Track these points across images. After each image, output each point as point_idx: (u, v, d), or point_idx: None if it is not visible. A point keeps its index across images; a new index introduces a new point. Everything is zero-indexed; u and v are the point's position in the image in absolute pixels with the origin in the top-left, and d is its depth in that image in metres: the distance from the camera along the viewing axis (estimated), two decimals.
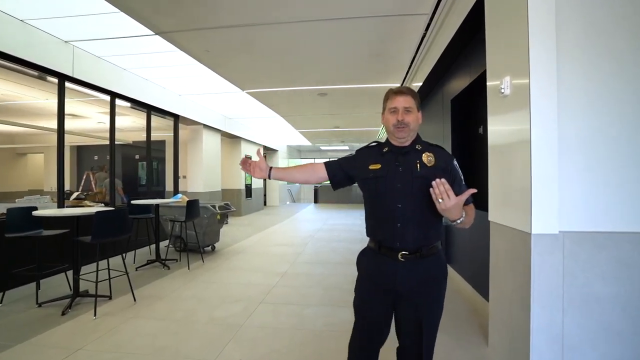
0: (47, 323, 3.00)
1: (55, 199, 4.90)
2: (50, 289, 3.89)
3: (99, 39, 4.53)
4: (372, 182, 1.51)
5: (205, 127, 8.66)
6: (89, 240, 3.19)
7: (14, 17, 3.91)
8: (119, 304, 3.43)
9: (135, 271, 4.60)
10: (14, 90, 5.72)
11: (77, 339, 2.70)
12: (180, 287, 3.99)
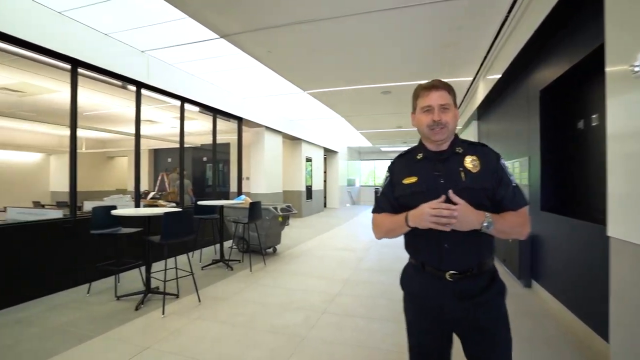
0: (122, 317, 3.14)
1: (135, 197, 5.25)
2: (128, 283, 4.13)
3: (170, 47, 4.74)
4: (409, 199, 1.25)
5: (267, 129, 8.80)
6: (158, 241, 3.28)
7: (98, 31, 4.24)
8: (185, 304, 3.49)
9: (201, 270, 4.73)
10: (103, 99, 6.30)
11: (146, 337, 2.75)
12: (242, 289, 3.98)
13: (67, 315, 3.20)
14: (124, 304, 3.48)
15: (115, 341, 2.69)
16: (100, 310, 3.33)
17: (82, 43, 4.03)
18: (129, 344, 2.64)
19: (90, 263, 4.08)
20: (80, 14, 3.84)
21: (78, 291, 3.86)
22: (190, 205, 6.20)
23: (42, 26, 3.62)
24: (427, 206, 1.15)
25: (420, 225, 1.18)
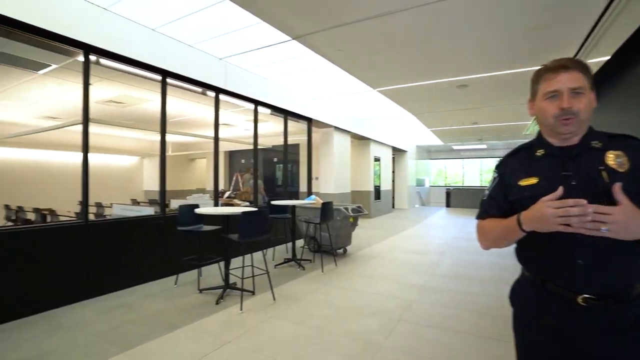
0: (204, 310, 3.32)
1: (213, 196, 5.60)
2: (209, 277, 4.39)
3: (245, 52, 4.94)
4: (528, 203, 1.00)
5: (336, 129, 8.79)
6: (236, 239, 3.41)
7: (184, 43, 4.58)
8: (261, 301, 3.57)
9: (274, 268, 4.84)
10: (186, 106, 6.86)
11: (226, 331, 2.86)
12: (315, 290, 3.96)
13: (159, 303, 3.49)
14: (205, 297, 3.69)
15: (200, 332, 2.84)
16: (186, 301, 3.58)
17: (170, 55, 4.39)
18: (211, 337, 2.76)
19: (177, 257, 4.43)
20: (169, 29, 4.19)
21: (167, 282, 4.21)
22: (263, 205, 6.44)
23: (139, 43, 4.02)
24: (547, 205, 0.91)
25: (541, 228, 0.95)
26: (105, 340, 2.71)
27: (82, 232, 3.62)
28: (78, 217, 4.46)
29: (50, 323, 3.03)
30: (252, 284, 3.86)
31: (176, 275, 4.29)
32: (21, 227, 3.81)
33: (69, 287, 3.49)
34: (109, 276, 3.82)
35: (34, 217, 6.32)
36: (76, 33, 3.44)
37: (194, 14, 3.83)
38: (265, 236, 3.57)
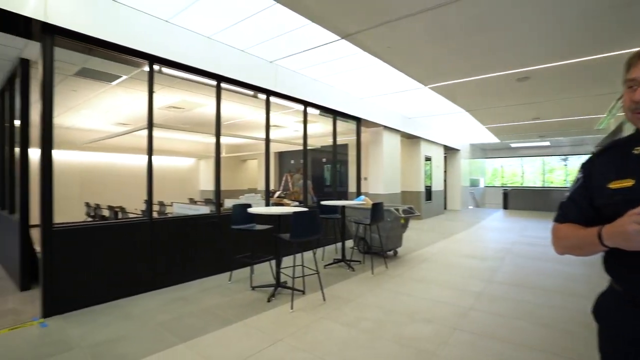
0: (257, 307, 3.42)
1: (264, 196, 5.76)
2: (261, 275, 4.52)
3: (294, 54, 5.01)
4: (620, 209, 0.85)
5: (385, 128, 8.61)
6: (287, 238, 3.46)
7: (236, 48, 4.76)
8: (311, 301, 3.59)
9: (324, 269, 4.85)
10: (238, 109, 7.15)
11: (278, 329, 2.91)
12: (365, 292, 3.90)
13: (214, 298, 3.66)
14: (257, 294, 3.79)
15: (252, 329, 2.92)
16: (239, 297, 3.71)
17: (224, 61, 4.59)
18: (263, 334, 2.83)
19: (231, 254, 4.62)
20: (223, 36, 4.37)
21: (221, 278, 4.40)
22: (312, 205, 6.50)
23: (196, 51, 4.25)
24: (633, 220, 0.78)
25: (625, 246, 0.83)
26: (168, 330, 2.89)
27: (147, 228, 3.92)
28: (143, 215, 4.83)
29: (121, 311, 3.31)
30: (302, 283, 3.90)
31: (230, 272, 4.47)
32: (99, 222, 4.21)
33: (137, 279, 3.79)
34: (169, 270, 4.09)
35: (108, 213, 6.98)
36: (143, 45, 3.73)
37: (245, 20, 3.96)
38: (316, 236, 3.59)
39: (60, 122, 7.82)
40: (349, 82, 6.41)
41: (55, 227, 3.24)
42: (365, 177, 8.89)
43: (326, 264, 5.08)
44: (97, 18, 3.39)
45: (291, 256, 5.24)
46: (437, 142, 12.06)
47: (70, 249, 3.32)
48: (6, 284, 4.23)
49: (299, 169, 9.68)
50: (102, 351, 2.54)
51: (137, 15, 3.69)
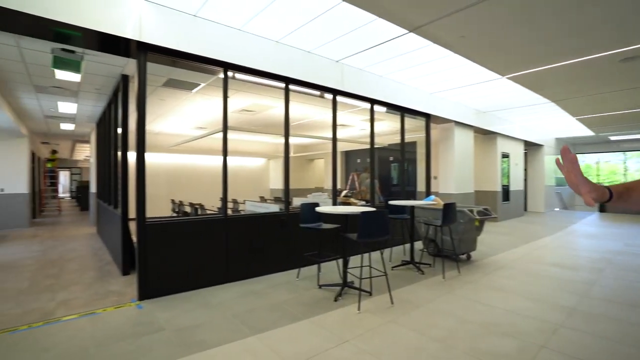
0: (324, 305, 3.45)
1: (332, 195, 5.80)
2: (327, 273, 4.56)
3: (360, 52, 4.95)
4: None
5: (457, 124, 8.10)
6: (355, 238, 3.43)
7: (303, 50, 4.86)
8: (378, 303, 3.52)
9: (392, 270, 4.73)
10: (305, 110, 7.31)
11: (344, 330, 2.90)
12: (436, 298, 3.70)
13: (283, 294, 3.79)
14: (324, 293, 3.83)
15: (319, 327, 2.96)
16: (307, 295, 3.78)
17: (292, 63, 4.72)
18: (330, 333, 2.84)
19: (298, 252, 4.75)
20: (290, 39, 4.50)
21: (289, 275, 4.54)
22: (380, 204, 6.37)
23: (266, 55, 4.43)
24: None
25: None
26: (241, 321, 3.06)
27: (222, 224, 4.21)
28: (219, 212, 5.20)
29: (201, 300, 3.60)
30: (369, 284, 3.85)
31: (298, 269, 4.60)
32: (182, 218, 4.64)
33: (213, 272, 4.09)
34: (242, 265, 4.34)
35: (189, 209, 7.67)
36: (218, 54, 4.01)
37: (311, 21, 4.02)
38: (385, 237, 3.50)
39: (151, 128, 8.80)
40: (418, 77, 6.15)
41: (147, 221, 3.65)
42: (435, 176, 8.47)
43: (394, 265, 4.94)
44: (180, 33, 3.73)
45: (358, 256, 5.21)
46: (516, 137, 10.99)
47: (159, 241, 3.71)
48: (112, 268, 4.89)
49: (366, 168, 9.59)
50: (185, 335, 2.79)
51: (213, 26, 3.98)
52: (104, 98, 6.28)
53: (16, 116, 7.60)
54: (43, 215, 12.63)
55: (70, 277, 4.46)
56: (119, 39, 3.43)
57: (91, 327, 2.95)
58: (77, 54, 3.98)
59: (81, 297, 3.70)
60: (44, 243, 6.97)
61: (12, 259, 5.58)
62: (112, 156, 5.79)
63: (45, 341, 2.70)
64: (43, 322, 3.06)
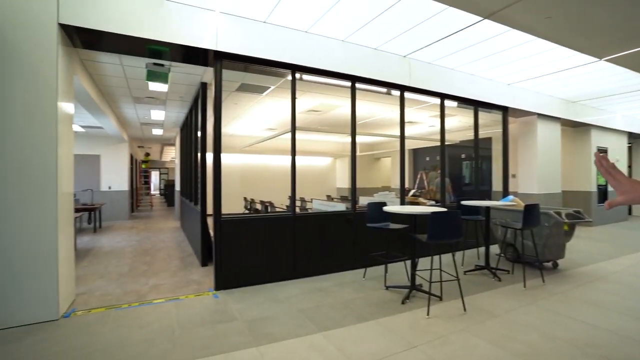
0: (391, 307, 3.37)
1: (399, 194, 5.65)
2: (394, 274, 4.45)
3: (428, 45, 4.71)
4: None
5: (540, 116, 7.29)
6: (424, 240, 3.29)
7: (369, 47, 4.79)
8: (449, 309, 3.32)
9: (464, 275, 4.44)
10: (372, 107, 7.22)
11: (412, 334, 2.80)
12: (515, 308, 3.37)
13: (350, 294, 3.79)
14: (391, 295, 3.74)
15: (386, 329, 2.89)
16: (373, 295, 3.73)
17: (358, 61, 4.69)
18: (397, 337, 2.76)
19: (365, 251, 4.71)
20: (356, 37, 4.47)
21: (356, 274, 4.52)
22: (451, 204, 6.02)
23: (332, 55, 4.47)
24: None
25: None
26: (307, 317, 3.13)
27: (290, 222, 4.35)
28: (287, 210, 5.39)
29: (270, 294, 3.77)
30: (439, 288, 3.66)
31: (364, 269, 4.56)
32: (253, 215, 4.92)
33: (282, 267, 4.26)
34: (309, 262, 4.44)
35: (260, 207, 8.10)
36: (286, 57, 4.15)
37: (376, 17, 3.94)
38: (456, 239, 3.30)
39: (226, 130, 9.47)
40: (493, 67, 5.67)
41: (222, 217, 3.93)
42: (513, 175, 7.75)
43: (467, 269, 4.62)
44: (251, 40, 3.94)
45: (427, 258, 4.99)
46: (616, 128, 9.50)
47: (232, 236, 3.98)
48: (193, 259, 5.39)
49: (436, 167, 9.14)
50: (255, 326, 2.95)
51: (281, 31, 4.13)
52: (187, 105, 6.93)
53: (119, 124, 8.78)
54: (138, 210, 14.41)
55: (160, 265, 5.01)
56: (198, 50, 3.75)
57: (175, 311, 3.27)
58: (165, 66, 4.45)
59: (168, 283, 4.14)
60: (140, 234, 7.94)
61: (117, 246, 6.46)
62: (192, 157, 6.36)
63: (140, 320, 3.07)
64: (138, 303, 3.48)
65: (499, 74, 6.03)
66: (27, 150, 2.99)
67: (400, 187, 5.44)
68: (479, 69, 5.78)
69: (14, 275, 2.95)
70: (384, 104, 6.89)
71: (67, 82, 3.44)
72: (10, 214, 2.93)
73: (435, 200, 7.41)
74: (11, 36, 2.94)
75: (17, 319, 2.96)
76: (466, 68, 5.72)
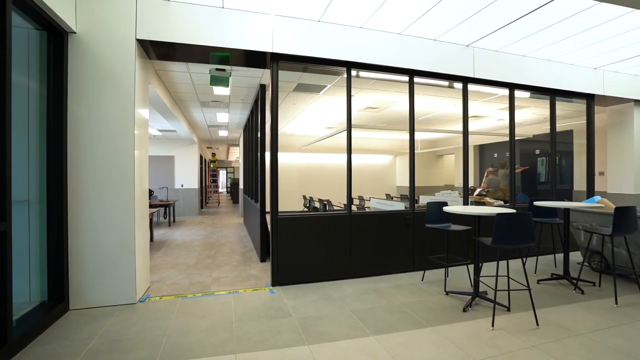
0: (450, 315, 3.15)
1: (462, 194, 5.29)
2: (455, 279, 4.17)
3: (495, 31, 4.31)
4: None
5: (637, 103, 6.27)
6: (489, 243, 3.02)
7: (427, 39, 4.54)
8: (518, 322, 3.00)
9: (537, 284, 4.00)
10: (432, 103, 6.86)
11: (473, 347, 2.58)
12: (603, 328, 2.93)
13: (406, 297, 3.63)
14: (451, 301, 3.50)
15: (444, 338, 2.71)
16: (432, 301, 3.53)
17: (416, 54, 4.47)
18: (456, 347, 2.57)
19: (423, 253, 4.49)
20: (413, 29, 4.26)
21: (413, 276, 4.33)
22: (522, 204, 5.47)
23: (388, 49, 4.32)
24: None
25: None
26: (361, 319, 3.07)
27: (347, 221, 4.30)
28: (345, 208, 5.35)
29: (324, 292, 3.78)
30: (507, 298, 3.34)
31: (423, 272, 4.35)
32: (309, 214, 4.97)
33: (337, 266, 4.24)
34: (364, 262, 4.35)
35: (318, 205, 8.19)
36: (342, 54, 4.11)
37: (435, 6, 3.70)
38: (527, 244, 2.97)
39: (286, 130, 9.74)
40: (574, 50, 5.00)
41: (279, 215, 4.03)
42: (600, 172, 6.80)
43: (541, 278, 4.16)
44: (306, 39, 3.97)
45: (492, 262, 4.60)
46: None
47: (289, 234, 4.06)
48: (252, 255, 5.63)
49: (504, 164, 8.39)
50: (308, 325, 2.96)
51: (335, 28, 4.09)
52: (247, 107, 7.27)
53: (190, 127, 9.54)
54: (207, 206, 15.53)
55: (222, 259, 5.32)
56: (256, 53, 3.89)
57: (234, 303, 3.43)
58: (227, 71, 4.70)
59: (229, 277, 4.37)
60: (207, 229, 8.54)
61: (187, 240, 7.02)
62: (252, 157, 6.65)
63: (203, 310, 3.28)
64: (202, 294, 3.72)
65: (583, 58, 5.31)
66: (109, 153, 3.36)
67: (464, 186, 5.08)
68: (556, 54, 5.15)
69: (100, 263, 3.34)
70: (446, 98, 6.50)
71: (143, 90, 3.80)
72: (96, 209, 3.33)
73: (505, 201, 6.81)
74: (98, 52, 3.33)
75: (103, 299, 3.36)
76: (540, 53, 5.13)
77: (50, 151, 3.17)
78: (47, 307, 3.10)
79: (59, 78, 3.20)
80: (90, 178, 3.32)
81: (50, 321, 3.00)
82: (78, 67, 3.29)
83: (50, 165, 3.17)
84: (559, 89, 5.48)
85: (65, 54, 3.24)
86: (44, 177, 3.14)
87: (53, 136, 3.18)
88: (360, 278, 4.29)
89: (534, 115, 7.66)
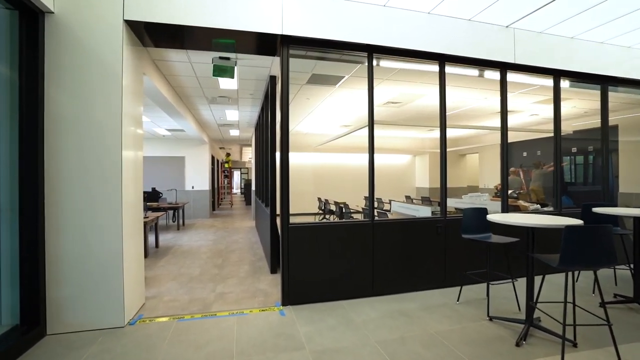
0: (501, 350, 2.54)
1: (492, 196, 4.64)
2: (498, 300, 3.53)
3: (540, 8, 3.66)
4: None
5: None
6: (554, 264, 2.38)
7: (461, 18, 3.92)
8: None
9: (598, 307, 3.32)
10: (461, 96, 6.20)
11: None
12: None
13: (442, 323, 3.03)
14: (498, 329, 2.88)
15: None
16: (474, 329, 2.91)
17: (447, 36, 3.86)
18: None
19: (458, 267, 3.88)
20: (444, 7, 3.65)
21: (446, 294, 3.72)
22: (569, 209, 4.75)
23: (416, 30, 3.72)
24: None
25: None
26: (389, 354, 2.49)
27: (369, 230, 3.72)
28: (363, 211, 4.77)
29: (344, 315, 3.20)
30: (572, 328, 2.69)
31: (459, 289, 3.72)
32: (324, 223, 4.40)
33: (357, 282, 3.65)
34: (389, 277, 3.76)
35: (334, 208, 7.62)
36: (362, 36, 3.54)
37: None
38: (609, 265, 2.34)
39: (299, 129, 9.22)
40: (634, 29, 4.28)
41: (291, 225, 3.48)
42: None
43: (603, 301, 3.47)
44: (320, 20, 3.42)
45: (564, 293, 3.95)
46: None
47: (302, 245, 3.50)
48: (262, 264, 5.11)
49: (538, 163, 7.63)
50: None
51: (355, 6, 3.53)
52: (258, 102, 6.77)
53: (199, 126, 9.12)
54: (220, 208, 15.16)
55: (230, 270, 4.81)
56: (263, 36, 3.37)
57: (238, 329, 2.90)
58: (231, 60, 4.19)
59: (234, 292, 3.85)
60: (217, 233, 8.09)
61: (193, 245, 6.57)
62: (263, 157, 6.14)
63: (200, 336, 2.77)
64: (201, 315, 3.21)
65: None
66: (92, 153, 2.89)
67: (502, 190, 4.44)
68: (610, 35, 4.44)
69: (82, 281, 2.87)
70: (477, 90, 5.83)
71: (135, 81, 3.32)
72: (76, 217, 2.86)
73: (541, 204, 6.11)
74: (80, 35, 2.87)
75: (86, 323, 2.88)
76: (591, 35, 4.43)
77: (23, 149, 2.71)
78: (20, 332, 2.64)
79: (34, 67, 2.74)
80: (71, 182, 2.85)
81: (24, 348, 2.55)
82: (57, 52, 2.83)
83: (23, 166, 2.71)
84: (612, 76, 4.76)
85: (41, 38, 2.78)
86: (15, 180, 2.69)
87: (26, 131, 2.72)
88: (385, 296, 3.70)
89: (575, 109, 6.88)
